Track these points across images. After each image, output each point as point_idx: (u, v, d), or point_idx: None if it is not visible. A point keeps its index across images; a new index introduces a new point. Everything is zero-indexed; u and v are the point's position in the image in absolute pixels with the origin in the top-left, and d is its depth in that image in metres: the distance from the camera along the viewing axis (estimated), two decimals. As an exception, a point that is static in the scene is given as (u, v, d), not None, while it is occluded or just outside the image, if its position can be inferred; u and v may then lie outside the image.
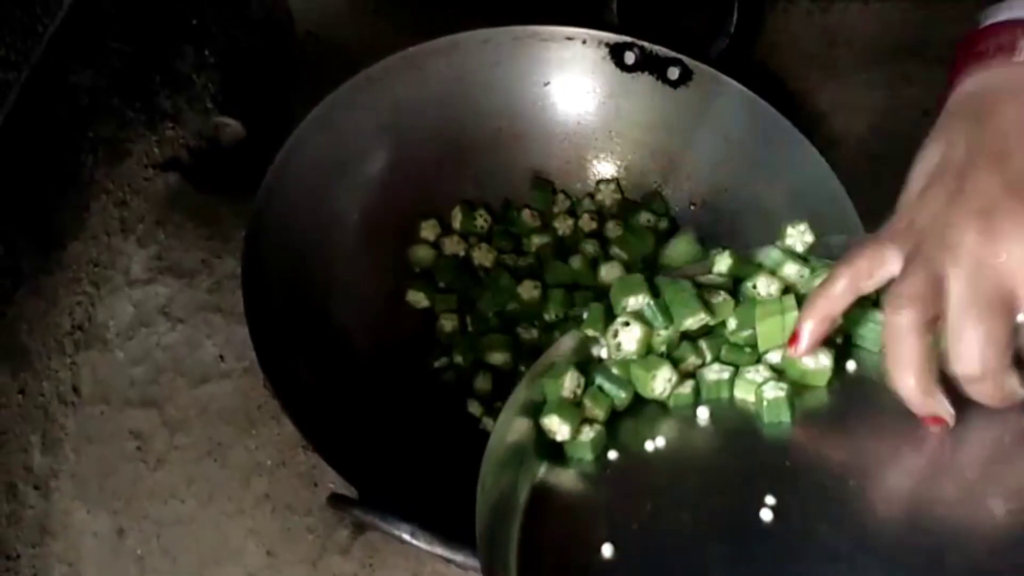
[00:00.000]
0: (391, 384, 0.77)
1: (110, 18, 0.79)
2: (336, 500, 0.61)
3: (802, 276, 0.59)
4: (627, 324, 0.57)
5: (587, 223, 0.86)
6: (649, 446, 0.55)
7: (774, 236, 0.80)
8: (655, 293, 0.57)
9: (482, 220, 0.86)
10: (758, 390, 0.56)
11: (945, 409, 0.51)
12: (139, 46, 0.83)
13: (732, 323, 0.58)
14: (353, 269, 0.80)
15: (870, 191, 0.94)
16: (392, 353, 0.79)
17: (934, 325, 0.50)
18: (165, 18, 0.87)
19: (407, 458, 0.71)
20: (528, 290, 0.81)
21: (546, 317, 0.81)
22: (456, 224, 0.85)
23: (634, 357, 0.57)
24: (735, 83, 0.80)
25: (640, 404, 0.58)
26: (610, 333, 0.57)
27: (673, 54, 0.82)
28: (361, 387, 0.74)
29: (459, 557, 0.59)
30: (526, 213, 0.86)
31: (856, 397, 0.56)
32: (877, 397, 0.55)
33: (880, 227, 0.55)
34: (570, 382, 0.57)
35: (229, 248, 0.84)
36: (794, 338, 0.54)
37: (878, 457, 0.54)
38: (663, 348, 0.57)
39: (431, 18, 0.97)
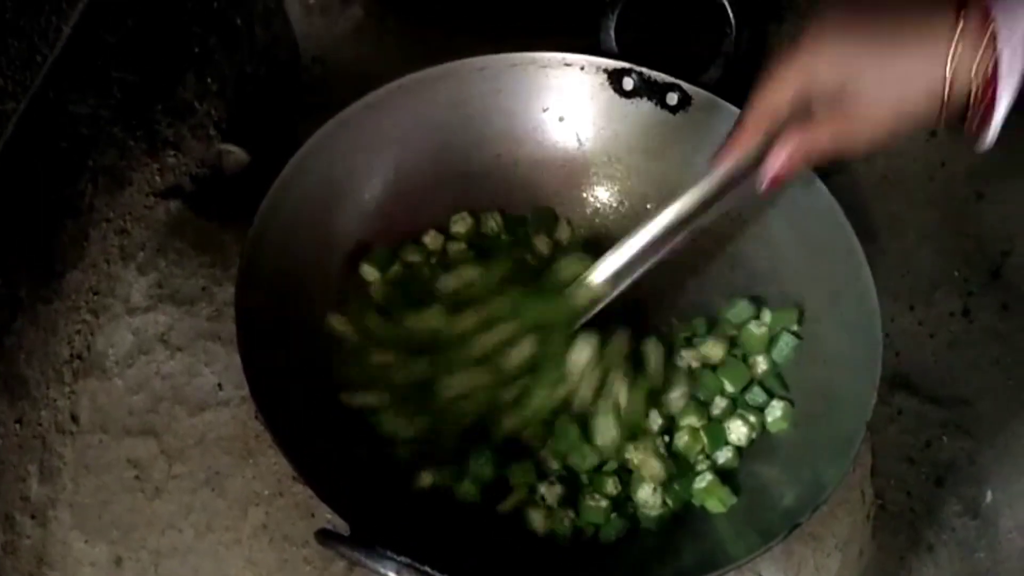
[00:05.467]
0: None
1: (111, 47, 0.80)
2: (324, 536, 0.60)
3: None
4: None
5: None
6: None
7: (775, 262, 0.79)
8: None
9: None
10: None
11: None
12: (140, 74, 0.83)
13: None
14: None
15: (877, 211, 0.93)
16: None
17: None
18: (167, 46, 0.87)
19: (400, 492, 0.70)
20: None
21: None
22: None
23: None
24: (734, 108, 0.79)
25: None
26: None
27: (672, 79, 0.82)
28: (354, 419, 0.73)
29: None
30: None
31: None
32: None
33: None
34: None
35: (230, 275, 0.83)
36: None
37: None
38: None
39: (436, 45, 0.97)
